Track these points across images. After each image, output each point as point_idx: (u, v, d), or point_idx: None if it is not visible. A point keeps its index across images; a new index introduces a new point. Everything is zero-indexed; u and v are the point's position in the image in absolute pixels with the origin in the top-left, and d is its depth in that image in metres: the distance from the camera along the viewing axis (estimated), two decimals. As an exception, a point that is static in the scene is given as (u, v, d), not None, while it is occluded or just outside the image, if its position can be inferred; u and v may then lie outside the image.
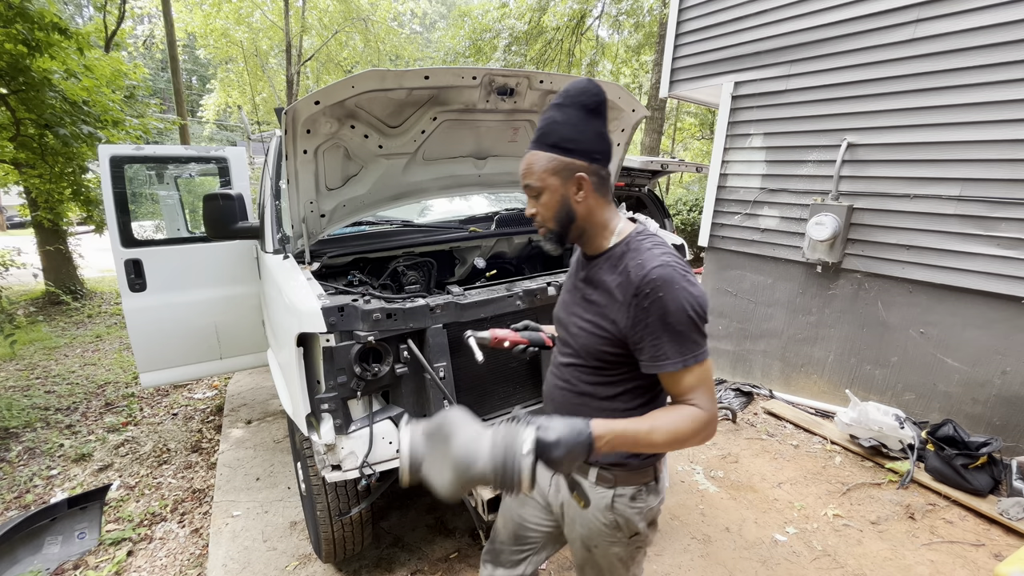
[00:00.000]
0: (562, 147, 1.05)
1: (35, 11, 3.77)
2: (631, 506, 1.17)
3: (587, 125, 1.05)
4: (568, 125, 1.05)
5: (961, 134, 2.98)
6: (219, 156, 3.35)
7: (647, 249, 1.05)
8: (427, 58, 18.18)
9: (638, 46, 12.98)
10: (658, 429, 0.99)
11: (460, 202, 3.13)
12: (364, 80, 1.80)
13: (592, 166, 1.06)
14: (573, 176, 1.06)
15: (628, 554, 1.22)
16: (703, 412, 1.00)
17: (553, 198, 1.08)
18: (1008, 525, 2.54)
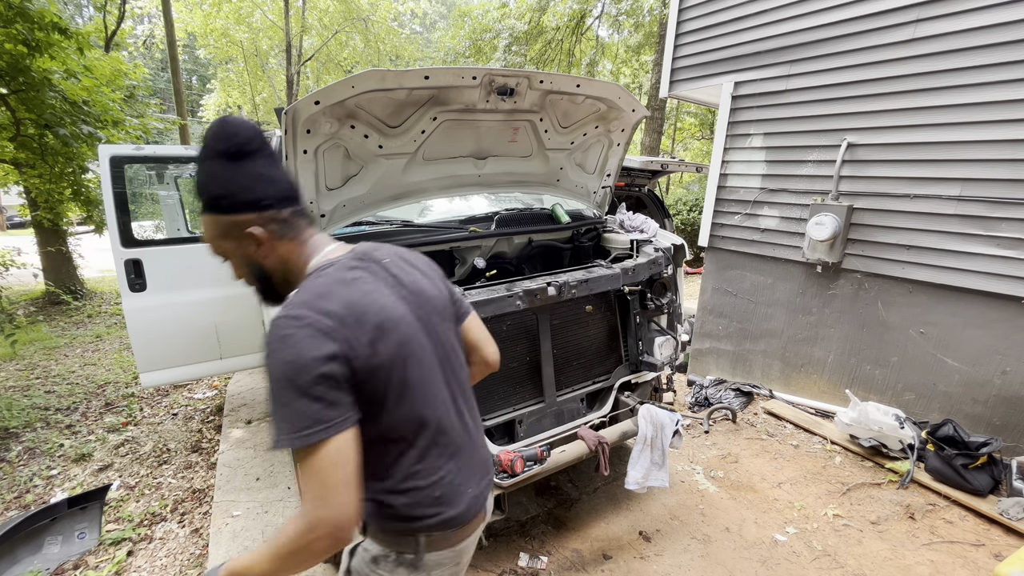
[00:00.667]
0: (218, 207, 0.93)
1: (35, 11, 3.77)
2: (371, 568, 1.03)
3: (236, 172, 0.92)
4: (215, 181, 0.92)
5: (961, 134, 2.98)
6: (219, 156, 3.35)
7: (295, 293, 0.92)
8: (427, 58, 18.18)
9: (638, 46, 12.98)
10: (261, 556, 0.83)
11: (460, 202, 3.13)
12: (364, 80, 1.80)
13: (265, 214, 0.94)
14: (244, 233, 0.94)
15: None
16: (299, 518, 0.79)
17: (237, 261, 1.00)
18: (1008, 525, 2.54)
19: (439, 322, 1.06)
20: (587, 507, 2.77)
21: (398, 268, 1.03)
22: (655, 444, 2.38)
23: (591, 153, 2.88)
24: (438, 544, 1.02)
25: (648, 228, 2.93)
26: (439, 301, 1.08)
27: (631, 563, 2.36)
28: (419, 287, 1.04)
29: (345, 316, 0.86)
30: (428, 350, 1.00)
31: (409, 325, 0.96)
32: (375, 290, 0.94)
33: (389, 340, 0.91)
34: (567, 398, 2.48)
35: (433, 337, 1.03)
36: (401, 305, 0.97)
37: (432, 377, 1.01)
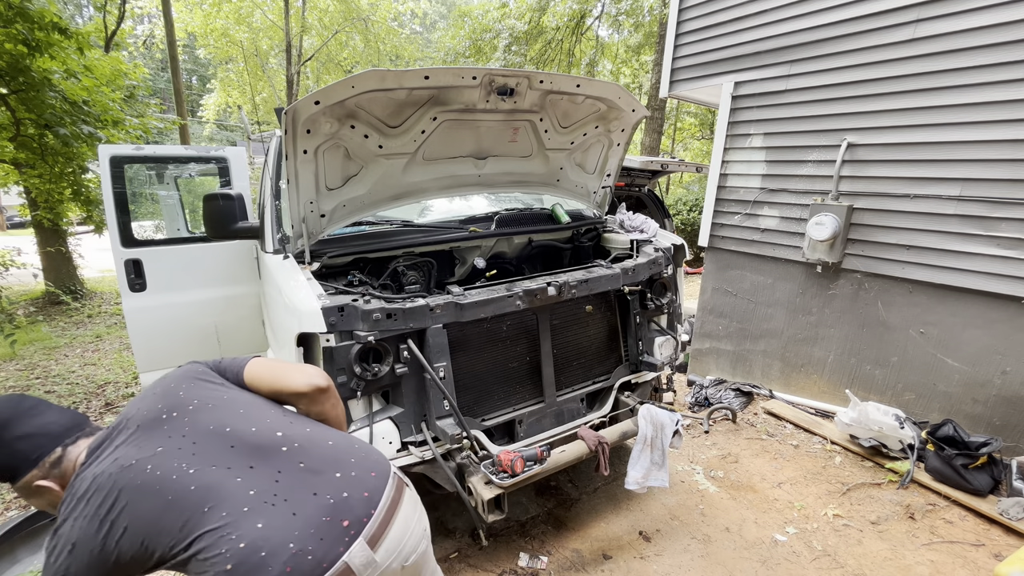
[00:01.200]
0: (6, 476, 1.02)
1: (35, 11, 3.77)
2: None
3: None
4: None
5: (961, 134, 2.98)
6: (219, 156, 3.35)
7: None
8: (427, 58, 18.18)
9: (638, 46, 12.98)
10: None
11: (460, 202, 3.13)
12: (364, 80, 1.80)
13: (39, 471, 1.02)
14: (33, 493, 1.03)
15: None
16: None
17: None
18: (1008, 525, 2.54)
19: (189, 413, 1.06)
20: (587, 507, 2.77)
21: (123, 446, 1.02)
22: (655, 444, 2.38)
23: (591, 153, 2.88)
24: None
25: (648, 228, 2.93)
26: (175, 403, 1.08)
27: (631, 563, 2.36)
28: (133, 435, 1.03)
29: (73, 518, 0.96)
30: (157, 467, 0.97)
31: (141, 474, 0.96)
32: (112, 454, 1.01)
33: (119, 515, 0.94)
34: (567, 398, 2.48)
35: (179, 435, 1.02)
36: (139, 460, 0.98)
37: (159, 502, 0.95)
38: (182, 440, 1.02)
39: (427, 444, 1.96)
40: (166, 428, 1.04)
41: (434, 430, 1.99)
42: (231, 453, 1.02)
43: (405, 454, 1.94)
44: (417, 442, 1.98)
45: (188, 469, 0.97)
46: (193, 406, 1.09)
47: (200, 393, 1.13)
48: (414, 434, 1.99)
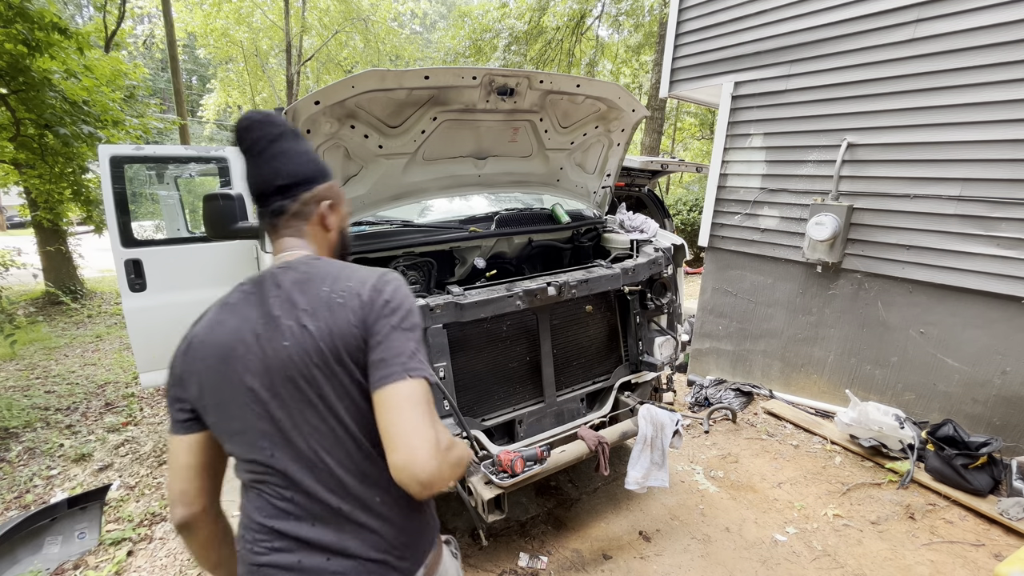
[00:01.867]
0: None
1: (35, 11, 3.77)
2: None
3: (245, 168, 0.99)
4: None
5: (961, 134, 2.98)
6: (219, 156, 3.35)
7: None
8: (427, 58, 18.18)
9: (638, 46, 12.98)
10: None
11: (460, 202, 3.13)
12: (364, 80, 1.80)
13: (255, 209, 1.02)
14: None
15: None
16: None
17: None
18: (1008, 525, 2.54)
19: (302, 372, 0.85)
20: (587, 507, 2.77)
21: (286, 298, 0.89)
22: (655, 444, 2.38)
23: (591, 153, 2.88)
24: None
25: (648, 228, 2.93)
26: (313, 348, 0.85)
27: (631, 563, 2.36)
28: (284, 328, 0.86)
29: (189, 345, 0.91)
30: (246, 402, 0.86)
31: (226, 366, 0.86)
32: (225, 322, 0.90)
33: (203, 382, 0.88)
34: (567, 398, 2.48)
35: (272, 388, 0.86)
36: (237, 342, 0.86)
37: (251, 431, 0.87)
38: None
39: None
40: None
41: (434, 430, 1.99)
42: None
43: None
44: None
45: None
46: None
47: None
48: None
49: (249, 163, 0.96)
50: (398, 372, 0.83)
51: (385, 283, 0.91)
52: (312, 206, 0.99)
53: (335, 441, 0.87)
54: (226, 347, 0.87)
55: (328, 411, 0.86)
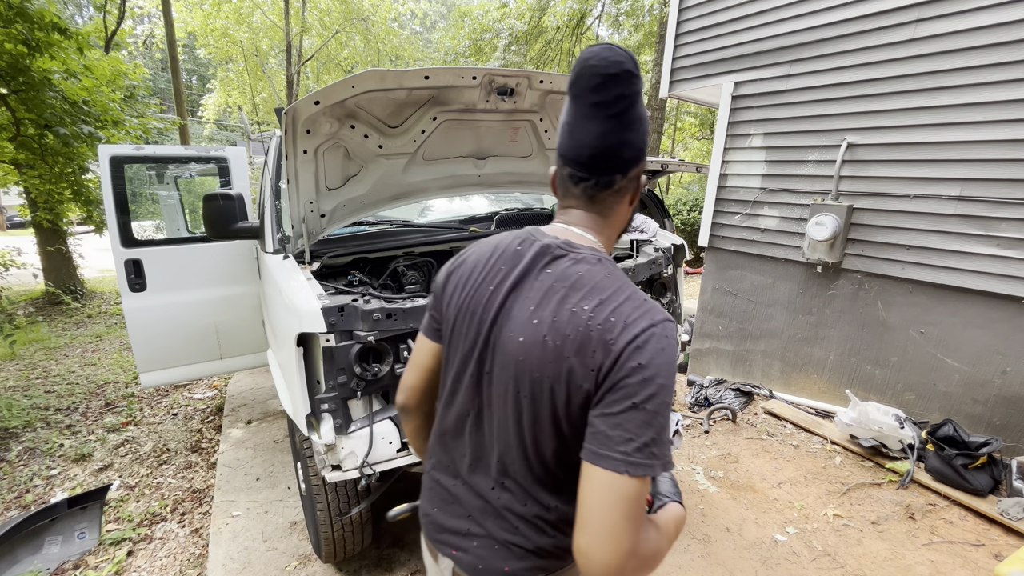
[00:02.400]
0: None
1: (35, 11, 3.76)
2: None
3: (564, 115, 0.87)
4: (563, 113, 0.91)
5: (961, 134, 2.98)
6: (219, 156, 3.35)
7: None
8: (427, 58, 18.17)
9: (638, 46, 12.98)
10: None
11: (460, 202, 3.13)
12: (364, 80, 1.80)
13: (557, 164, 0.89)
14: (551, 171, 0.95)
15: None
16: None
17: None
18: (1008, 525, 2.54)
19: (510, 375, 0.79)
20: (587, 507, 2.77)
21: (539, 288, 0.79)
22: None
23: (591, 153, 2.87)
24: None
25: (648, 228, 2.93)
26: (525, 361, 0.77)
27: (631, 563, 2.36)
28: (520, 321, 0.79)
29: (454, 270, 0.92)
30: (465, 367, 0.86)
31: (463, 321, 0.86)
32: (486, 275, 0.84)
33: (448, 312, 0.89)
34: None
35: (484, 371, 0.84)
36: (479, 303, 0.84)
37: (461, 389, 0.88)
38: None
39: None
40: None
41: (434, 430, 1.99)
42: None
43: (405, 454, 1.94)
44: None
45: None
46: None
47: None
48: (414, 434, 1.99)
49: (581, 115, 0.78)
50: (618, 464, 0.66)
51: (647, 340, 0.70)
52: (634, 181, 0.85)
53: (521, 452, 0.82)
54: (477, 298, 0.84)
55: (524, 422, 0.79)
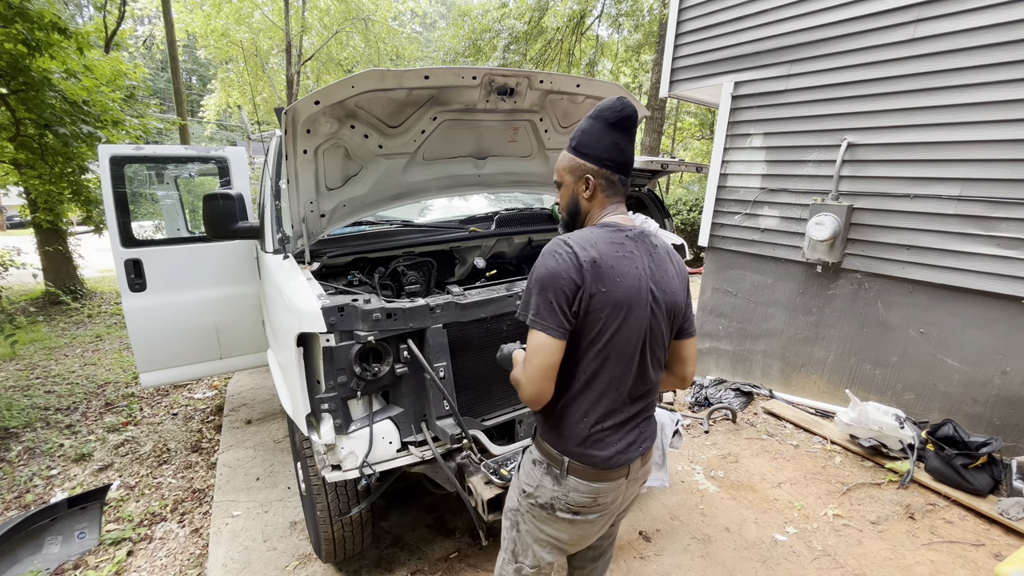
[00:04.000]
0: (579, 152, 1.23)
1: (35, 11, 3.76)
2: (530, 468, 1.34)
3: (605, 135, 1.21)
4: (588, 134, 1.22)
5: (961, 134, 2.98)
6: (219, 156, 3.35)
7: (578, 230, 1.26)
8: (427, 58, 18.18)
9: (638, 46, 12.98)
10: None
11: (460, 202, 3.13)
12: (364, 80, 1.80)
13: (601, 171, 1.22)
14: (583, 176, 1.24)
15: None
16: (520, 368, 1.19)
17: (567, 192, 1.29)
18: (1008, 525, 2.54)
19: (662, 317, 1.22)
20: (587, 507, 2.77)
21: (659, 259, 1.24)
22: (655, 444, 2.38)
23: (591, 153, 2.87)
24: (578, 473, 1.23)
25: (648, 228, 2.93)
26: (673, 304, 1.24)
27: (631, 563, 2.36)
28: (665, 282, 1.22)
29: (594, 263, 1.12)
30: (637, 328, 1.17)
31: (634, 299, 1.15)
32: (628, 261, 1.16)
33: (611, 298, 1.13)
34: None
35: (650, 323, 1.19)
36: (640, 282, 1.17)
37: (629, 348, 1.18)
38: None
39: (427, 444, 1.96)
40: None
41: (434, 430, 1.99)
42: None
43: (405, 454, 1.94)
44: (417, 442, 1.98)
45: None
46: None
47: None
48: (414, 434, 1.98)
49: (629, 144, 1.23)
50: (694, 330, 1.37)
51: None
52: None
53: (652, 366, 1.29)
54: (629, 277, 1.16)
55: (659, 345, 1.28)
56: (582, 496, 1.24)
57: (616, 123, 1.20)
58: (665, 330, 1.24)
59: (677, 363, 1.36)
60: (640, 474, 1.33)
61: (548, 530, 1.31)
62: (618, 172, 1.23)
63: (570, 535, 1.32)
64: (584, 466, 1.22)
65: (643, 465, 1.33)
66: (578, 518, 1.28)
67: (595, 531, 1.35)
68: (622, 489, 1.29)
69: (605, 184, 1.24)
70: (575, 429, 1.22)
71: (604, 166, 1.22)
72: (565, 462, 1.24)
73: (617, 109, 1.20)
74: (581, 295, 1.11)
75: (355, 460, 1.78)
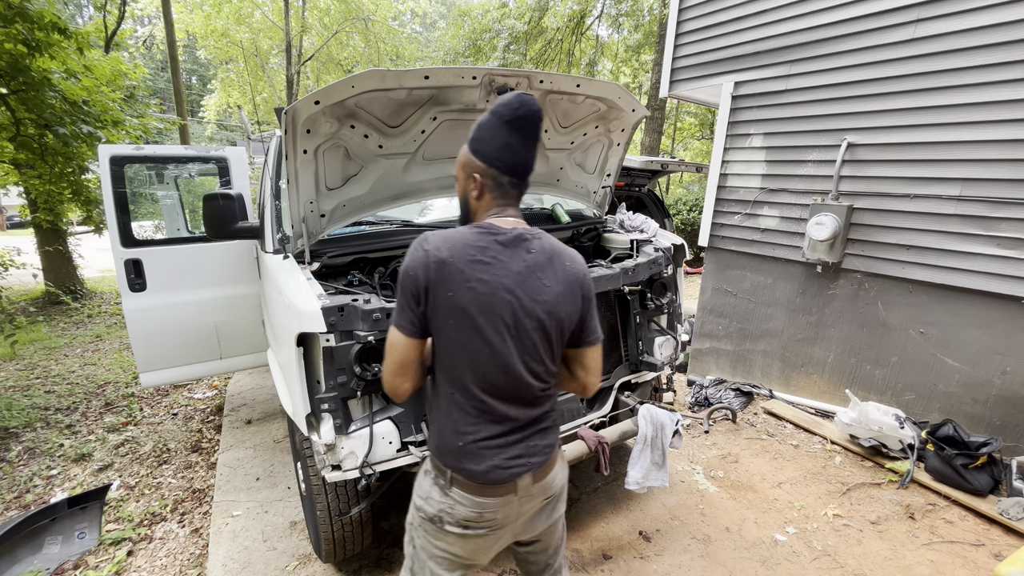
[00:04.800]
0: (471, 147, 1.17)
1: (35, 11, 3.76)
2: (423, 477, 1.31)
3: (497, 134, 1.14)
4: (482, 130, 1.16)
5: (961, 134, 2.98)
6: (219, 156, 3.35)
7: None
8: (427, 58, 18.18)
9: (638, 45, 12.98)
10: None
11: (460, 202, 3.12)
12: (364, 80, 1.80)
13: (492, 170, 1.15)
14: (471, 174, 1.18)
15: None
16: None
17: (460, 187, 1.24)
18: (1008, 525, 2.54)
19: (533, 327, 1.13)
20: (587, 507, 2.77)
21: (537, 266, 1.14)
22: (655, 444, 2.38)
23: (591, 153, 2.88)
24: (461, 486, 1.19)
25: (648, 228, 2.93)
26: (551, 312, 1.15)
27: (631, 563, 2.36)
28: (538, 289, 1.13)
29: (442, 264, 1.07)
30: (496, 336, 1.10)
31: (486, 305, 1.08)
32: (485, 266, 1.09)
33: (456, 302, 1.07)
34: (567, 398, 2.48)
35: (515, 332, 1.12)
36: (496, 289, 1.09)
37: (489, 357, 1.11)
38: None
39: (427, 444, 1.96)
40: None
41: (434, 430, 1.99)
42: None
43: (405, 454, 1.94)
44: (417, 442, 1.98)
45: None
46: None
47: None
48: (414, 434, 1.98)
49: (528, 147, 1.16)
50: (597, 339, 1.29)
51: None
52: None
53: (539, 373, 1.23)
54: (482, 280, 1.10)
55: (538, 353, 1.20)
56: (467, 510, 1.19)
57: (511, 121, 1.12)
58: (540, 340, 1.15)
59: (579, 370, 1.28)
60: (535, 491, 1.23)
61: (441, 544, 1.25)
62: (507, 174, 1.15)
63: (463, 550, 1.25)
64: (465, 479, 1.17)
65: (536, 482, 1.22)
66: (468, 532, 1.21)
67: (492, 545, 1.28)
68: (514, 506, 1.21)
69: (492, 185, 1.16)
70: (450, 440, 1.18)
71: (492, 166, 1.14)
72: (448, 474, 1.19)
73: (513, 107, 1.11)
74: (428, 295, 1.08)
75: (355, 460, 1.78)
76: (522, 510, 1.24)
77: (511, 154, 1.14)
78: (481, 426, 1.15)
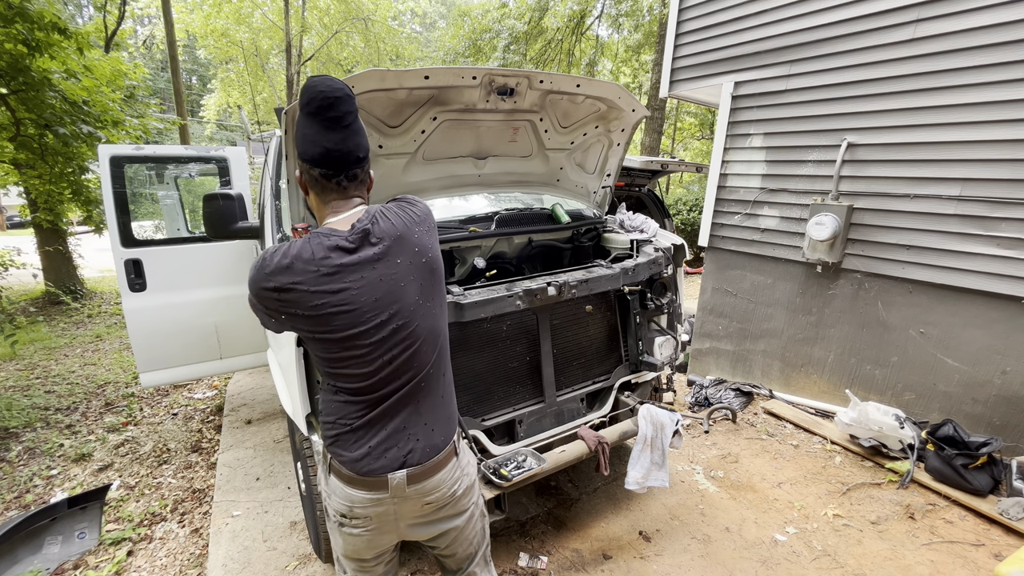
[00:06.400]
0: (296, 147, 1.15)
1: (35, 11, 3.77)
2: (319, 457, 1.37)
3: (304, 129, 1.10)
4: (297, 128, 1.12)
5: (961, 134, 2.98)
6: (219, 156, 3.36)
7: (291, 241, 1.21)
8: (427, 58, 18.18)
9: (638, 46, 12.98)
10: None
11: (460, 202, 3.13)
12: (364, 80, 1.80)
13: (303, 165, 1.13)
14: (299, 175, 1.18)
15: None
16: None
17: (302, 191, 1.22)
18: (1008, 525, 2.54)
19: (395, 322, 1.12)
20: (587, 507, 2.77)
21: (382, 259, 1.10)
22: (655, 444, 2.38)
23: (591, 153, 2.88)
24: (336, 473, 1.18)
25: (648, 228, 2.93)
26: (424, 268, 1.16)
27: (631, 563, 2.36)
28: (396, 292, 1.11)
29: (287, 270, 1.04)
30: (355, 327, 1.08)
31: (336, 304, 1.05)
32: (330, 279, 1.05)
33: (304, 306, 1.05)
34: (567, 398, 2.48)
35: (377, 321, 1.09)
36: (340, 294, 1.05)
37: (353, 352, 1.09)
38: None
39: None
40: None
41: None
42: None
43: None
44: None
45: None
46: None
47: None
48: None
49: (330, 132, 1.08)
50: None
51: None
52: (368, 174, 1.20)
53: (418, 362, 1.23)
54: (324, 285, 1.08)
55: (410, 336, 1.19)
56: (339, 502, 1.17)
57: (313, 113, 1.06)
58: (404, 332, 1.12)
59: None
60: (412, 493, 1.16)
61: (334, 537, 1.24)
62: (317, 166, 1.09)
63: (344, 546, 1.22)
64: (340, 465, 1.16)
65: (413, 484, 1.16)
66: (344, 528, 1.19)
67: (367, 546, 1.22)
68: (388, 507, 1.16)
69: (313, 182, 1.13)
70: (325, 423, 1.18)
71: (306, 162, 1.11)
72: (328, 458, 1.18)
73: (308, 96, 1.07)
74: (279, 303, 1.06)
75: (355, 460, 1.77)
76: (403, 512, 1.19)
77: (311, 145, 1.09)
78: (351, 415, 1.17)
